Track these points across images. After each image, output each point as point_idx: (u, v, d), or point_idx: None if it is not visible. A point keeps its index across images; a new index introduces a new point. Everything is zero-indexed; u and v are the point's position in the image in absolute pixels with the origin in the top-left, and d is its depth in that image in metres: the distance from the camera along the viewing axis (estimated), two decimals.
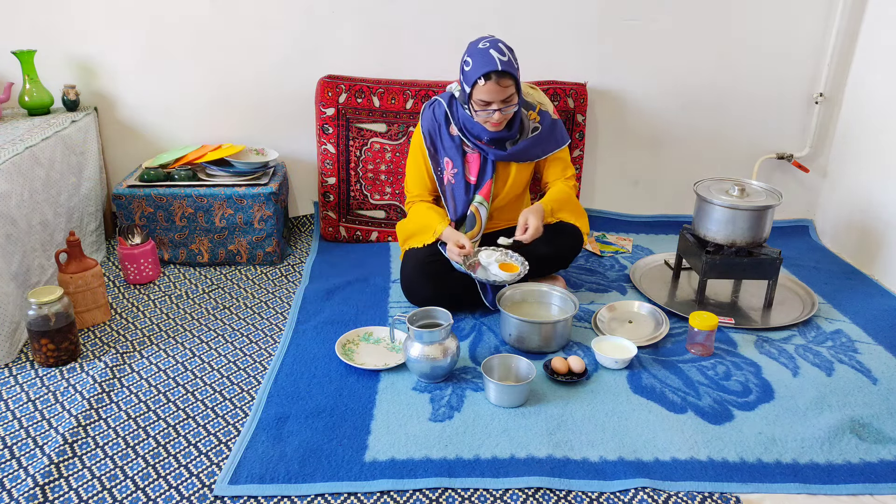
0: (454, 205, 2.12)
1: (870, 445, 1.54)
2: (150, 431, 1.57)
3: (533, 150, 2.09)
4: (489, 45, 1.87)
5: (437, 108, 2.10)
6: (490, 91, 1.86)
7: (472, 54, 1.88)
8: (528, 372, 1.70)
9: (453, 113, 2.06)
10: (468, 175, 2.09)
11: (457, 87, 2.04)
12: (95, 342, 1.93)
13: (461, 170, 2.08)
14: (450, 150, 2.09)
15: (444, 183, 2.13)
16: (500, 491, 1.40)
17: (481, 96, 1.88)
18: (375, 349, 1.89)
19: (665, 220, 2.85)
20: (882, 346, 1.95)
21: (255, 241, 2.40)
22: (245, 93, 2.60)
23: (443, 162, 2.11)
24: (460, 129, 2.05)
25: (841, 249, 2.65)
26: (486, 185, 2.08)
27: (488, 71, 1.84)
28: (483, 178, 2.08)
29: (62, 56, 2.50)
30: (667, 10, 2.56)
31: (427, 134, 2.10)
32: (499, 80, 1.85)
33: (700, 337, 1.87)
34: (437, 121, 2.09)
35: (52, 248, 2.12)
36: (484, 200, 2.08)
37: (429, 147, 2.10)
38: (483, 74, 1.84)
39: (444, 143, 2.09)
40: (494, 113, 1.90)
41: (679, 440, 1.54)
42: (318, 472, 1.43)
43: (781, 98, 2.70)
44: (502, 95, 1.88)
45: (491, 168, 2.07)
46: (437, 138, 2.10)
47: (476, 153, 2.08)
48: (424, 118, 2.11)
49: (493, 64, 1.84)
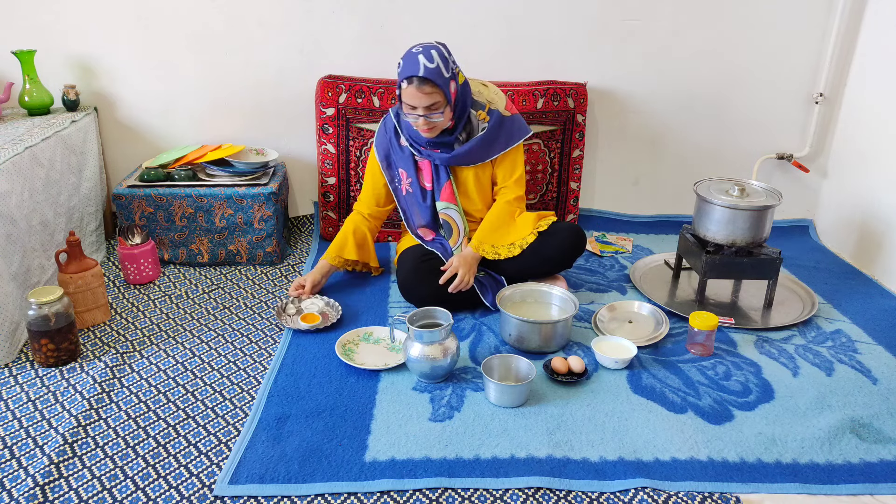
0: (417, 212, 2.16)
1: (870, 445, 1.54)
2: (150, 431, 1.57)
3: (481, 152, 2.06)
4: (420, 50, 1.89)
5: (387, 121, 2.15)
6: (412, 96, 1.89)
7: (404, 57, 1.91)
8: (528, 372, 1.70)
9: (401, 124, 2.09)
10: (423, 182, 2.13)
11: None
12: (95, 342, 1.93)
13: (415, 178, 2.12)
14: (401, 160, 2.13)
15: (403, 194, 2.17)
16: (500, 491, 1.40)
17: (406, 99, 1.91)
18: (375, 349, 1.89)
19: (665, 220, 2.85)
20: (882, 346, 1.95)
21: (255, 241, 2.40)
22: (245, 93, 2.60)
23: (398, 173, 2.15)
24: (406, 137, 2.08)
25: (841, 249, 2.65)
26: (445, 190, 2.09)
27: (410, 75, 1.87)
28: (438, 182, 2.10)
29: (62, 56, 2.50)
30: (667, 11, 2.56)
31: (380, 149, 2.15)
32: (420, 85, 1.87)
33: (700, 337, 1.87)
34: (387, 133, 2.14)
35: (52, 248, 2.12)
36: (450, 205, 2.10)
37: (382, 161, 2.15)
38: (406, 78, 1.88)
39: (396, 155, 2.13)
40: (419, 118, 1.93)
41: (679, 440, 1.54)
42: (318, 472, 1.43)
43: (781, 98, 2.70)
44: (425, 102, 1.89)
45: (445, 172, 2.09)
46: (391, 151, 2.14)
47: (426, 160, 2.10)
48: (378, 134, 2.17)
49: (415, 69, 1.86)
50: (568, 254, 2.11)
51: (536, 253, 2.07)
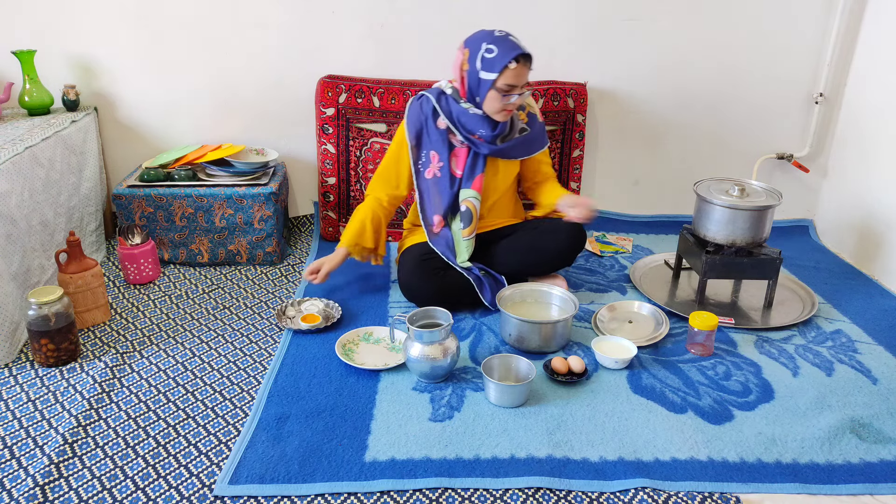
0: (438, 198, 2.12)
1: (870, 445, 1.54)
2: (150, 431, 1.57)
3: (521, 149, 2.14)
4: (505, 33, 1.95)
5: (424, 102, 2.11)
6: (518, 74, 1.92)
7: (494, 42, 1.93)
8: (528, 372, 1.70)
9: (442, 107, 2.08)
10: (454, 169, 2.11)
11: (447, 84, 2.08)
12: (95, 342, 1.93)
13: (447, 163, 2.09)
14: (436, 143, 2.10)
15: (427, 177, 2.12)
16: (500, 491, 1.40)
17: (509, 80, 1.92)
18: (375, 349, 1.89)
19: (665, 220, 2.85)
20: (882, 346, 1.95)
21: (255, 241, 2.40)
22: (245, 93, 2.60)
23: (428, 155, 2.12)
24: (453, 123, 2.07)
25: (841, 249, 2.65)
26: (477, 180, 2.09)
27: (517, 54, 1.90)
28: (473, 172, 2.09)
29: (62, 56, 2.50)
30: (667, 10, 2.56)
31: (412, 127, 2.11)
32: (526, 63, 1.93)
33: (700, 337, 1.87)
34: (423, 113, 2.10)
35: (52, 248, 2.12)
36: (477, 194, 2.10)
37: (412, 139, 2.11)
38: (514, 57, 1.90)
39: (430, 137, 2.10)
40: (516, 97, 1.95)
41: (679, 440, 1.54)
42: (318, 472, 1.43)
43: (781, 98, 2.70)
44: (525, 79, 1.96)
45: (482, 163, 2.09)
46: (424, 132, 2.11)
47: (465, 147, 2.09)
48: (411, 111, 2.12)
49: (519, 48, 1.92)
50: (568, 251, 2.11)
51: (537, 250, 2.08)
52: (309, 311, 2.06)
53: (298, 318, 2.02)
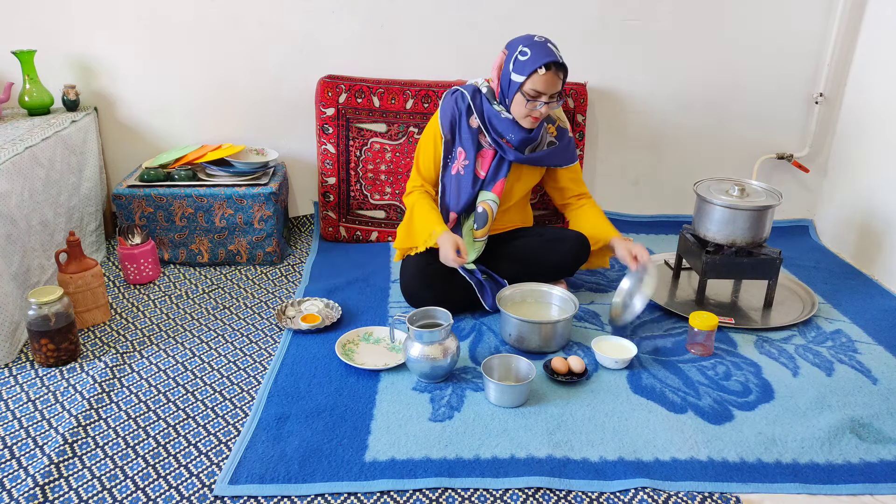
0: (457, 197, 2.11)
1: (870, 445, 1.54)
2: (150, 431, 1.57)
3: (547, 160, 2.13)
4: (545, 40, 1.93)
5: (459, 97, 2.10)
6: (547, 81, 1.90)
7: (530, 45, 1.92)
8: (528, 372, 1.70)
9: (476, 105, 2.07)
10: (478, 169, 2.09)
11: (483, 83, 2.08)
12: (95, 342, 1.93)
13: (472, 162, 2.08)
14: (466, 140, 2.09)
15: (452, 173, 2.11)
16: (500, 491, 1.40)
17: (536, 86, 1.91)
18: (375, 349, 1.89)
19: (665, 220, 2.85)
20: (882, 346, 1.95)
21: (255, 241, 2.40)
22: (245, 93, 2.60)
23: (455, 151, 2.11)
24: (484, 123, 2.06)
25: (841, 249, 2.65)
26: (499, 183, 2.08)
27: (549, 61, 1.88)
28: (497, 175, 2.09)
29: (62, 56, 2.50)
30: (667, 10, 2.56)
31: (446, 121, 2.10)
32: (557, 71, 1.91)
33: (700, 337, 1.87)
34: (458, 109, 2.09)
35: (52, 248, 2.12)
36: (497, 198, 2.09)
37: (446, 133, 2.10)
38: (544, 63, 1.88)
39: (461, 133, 2.10)
40: (542, 106, 1.94)
41: (679, 440, 1.54)
42: (318, 472, 1.43)
43: (781, 98, 2.70)
44: (555, 88, 1.93)
45: (507, 167, 2.08)
46: (457, 127, 2.11)
47: (492, 150, 2.08)
48: (445, 104, 2.11)
49: (553, 55, 1.90)
50: (572, 262, 2.10)
51: (542, 261, 2.07)
52: (309, 311, 2.06)
53: (298, 318, 2.02)
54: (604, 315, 2.10)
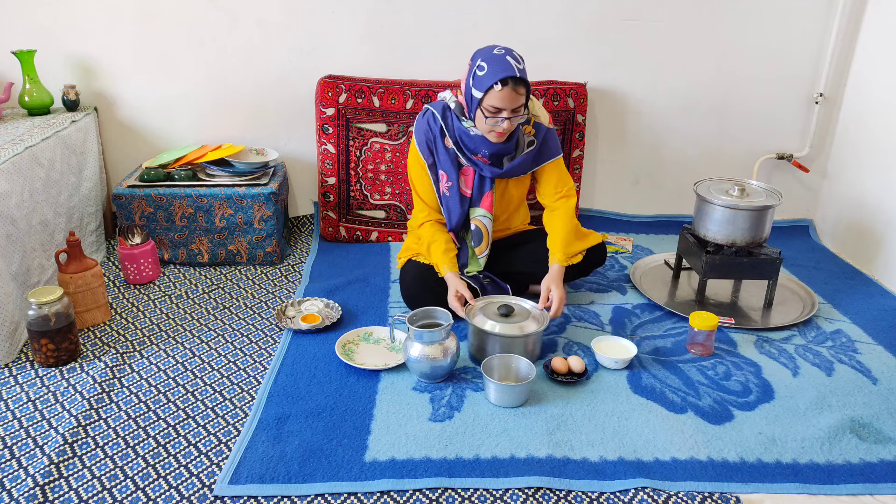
0: (449, 216, 2.07)
1: (870, 445, 1.54)
2: (150, 431, 1.57)
3: (528, 165, 2.05)
4: (504, 52, 1.84)
5: (430, 119, 2.03)
6: (504, 98, 1.82)
7: (487, 60, 1.84)
8: (528, 372, 1.70)
9: (448, 125, 2.01)
10: (463, 188, 2.05)
11: (451, 97, 2.00)
12: (95, 342, 1.93)
13: (456, 183, 2.03)
14: (444, 162, 2.03)
15: (440, 194, 2.08)
16: (500, 491, 1.40)
17: (494, 102, 1.83)
18: (375, 349, 1.89)
19: (665, 220, 2.85)
20: (882, 346, 1.95)
21: (255, 241, 2.40)
22: (245, 93, 2.60)
23: (438, 174, 2.06)
24: (455, 142, 2.00)
25: (841, 249, 2.65)
26: (486, 199, 2.04)
27: (505, 76, 1.80)
28: (482, 191, 2.04)
29: (62, 56, 2.50)
30: (667, 10, 2.56)
31: (424, 144, 2.03)
32: (515, 86, 1.81)
33: (700, 337, 1.87)
34: (432, 132, 2.03)
35: (52, 248, 2.12)
36: (487, 213, 2.05)
37: (426, 158, 2.04)
38: (500, 80, 1.80)
39: (439, 156, 2.04)
40: (504, 122, 1.86)
41: (679, 440, 1.54)
42: (318, 472, 1.43)
43: (781, 98, 2.70)
44: (515, 103, 1.84)
45: (489, 182, 2.03)
46: (434, 151, 2.04)
47: (471, 167, 2.03)
48: (419, 129, 2.04)
49: (510, 70, 1.80)
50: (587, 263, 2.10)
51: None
52: (309, 311, 2.06)
53: (298, 318, 2.02)
54: (604, 315, 2.10)
